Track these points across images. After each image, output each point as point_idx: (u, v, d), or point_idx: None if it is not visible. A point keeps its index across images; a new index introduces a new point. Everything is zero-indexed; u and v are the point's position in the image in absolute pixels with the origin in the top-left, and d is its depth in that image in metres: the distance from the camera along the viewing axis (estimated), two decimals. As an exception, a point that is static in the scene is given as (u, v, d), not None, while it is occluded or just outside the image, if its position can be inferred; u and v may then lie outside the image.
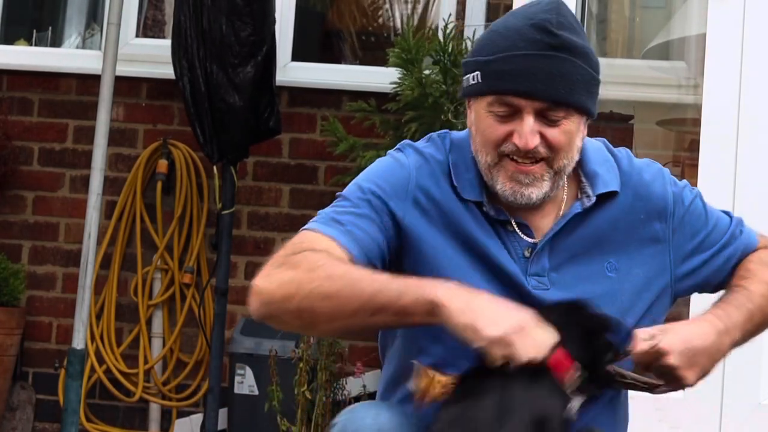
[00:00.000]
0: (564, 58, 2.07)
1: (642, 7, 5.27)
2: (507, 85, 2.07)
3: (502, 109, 2.09)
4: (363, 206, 2.14)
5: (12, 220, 5.25)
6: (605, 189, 2.18)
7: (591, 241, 2.18)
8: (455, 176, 2.17)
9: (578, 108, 2.11)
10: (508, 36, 2.10)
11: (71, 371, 4.40)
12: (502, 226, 2.16)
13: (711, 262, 2.29)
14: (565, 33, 2.08)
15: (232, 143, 4.71)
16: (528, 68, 2.06)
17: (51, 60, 5.36)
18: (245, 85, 4.66)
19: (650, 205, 2.22)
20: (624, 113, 4.84)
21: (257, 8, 4.65)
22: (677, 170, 4.81)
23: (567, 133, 2.10)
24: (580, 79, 2.09)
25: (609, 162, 2.23)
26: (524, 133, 2.07)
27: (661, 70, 4.89)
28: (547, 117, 2.08)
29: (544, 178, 2.11)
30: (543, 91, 2.06)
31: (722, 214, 2.37)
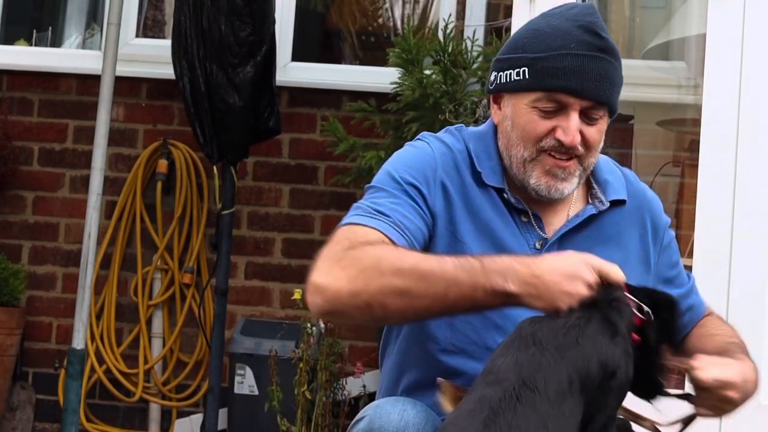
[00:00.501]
0: (609, 61, 2.16)
1: (642, 7, 5.27)
2: (559, 82, 2.14)
3: (550, 105, 2.15)
4: (401, 195, 2.16)
5: (12, 220, 5.25)
6: (616, 196, 2.26)
7: (597, 242, 2.23)
8: (478, 163, 2.22)
9: (614, 109, 2.20)
10: (557, 36, 2.17)
11: (71, 371, 4.40)
12: (518, 216, 2.22)
13: (681, 301, 2.29)
14: (608, 36, 2.19)
15: (232, 143, 4.71)
16: (580, 67, 2.13)
17: (51, 60, 5.36)
18: (245, 85, 4.66)
19: (651, 222, 2.32)
20: (624, 113, 4.83)
21: (257, 8, 4.65)
22: (677, 170, 4.81)
23: (600, 132, 2.19)
24: (618, 81, 2.18)
25: (617, 173, 2.32)
26: (571, 130, 2.14)
27: (661, 70, 4.89)
28: (589, 116, 2.16)
29: (575, 174, 2.19)
30: (591, 91, 2.14)
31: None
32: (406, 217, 2.13)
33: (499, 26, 5.00)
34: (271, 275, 5.10)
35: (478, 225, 2.19)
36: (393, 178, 2.18)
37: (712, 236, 3.58)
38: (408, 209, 2.14)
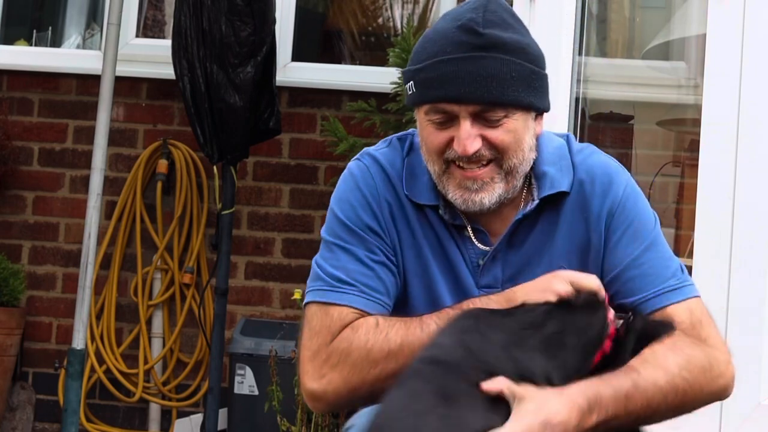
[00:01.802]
0: (492, 57, 2.00)
1: (642, 7, 5.27)
2: (436, 92, 2.02)
3: (438, 116, 2.04)
4: (358, 249, 2.10)
5: (12, 220, 5.25)
6: (551, 191, 2.11)
7: (541, 245, 2.12)
8: (407, 182, 2.13)
9: (517, 105, 2.03)
10: (436, 41, 2.04)
11: (71, 371, 4.40)
12: (458, 231, 2.13)
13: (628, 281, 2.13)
14: (494, 30, 2.01)
15: (232, 143, 4.71)
16: (455, 72, 2.00)
17: (51, 60, 5.36)
18: (245, 85, 4.66)
19: (602, 208, 2.13)
20: (624, 113, 4.84)
21: (257, 8, 4.64)
22: (677, 170, 4.81)
23: (511, 132, 2.03)
24: (515, 75, 2.01)
25: (564, 160, 2.15)
26: (461, 139, 2.01)
27: (661, 70, 4.89)
28: (486, 119, 2.02)
29: (494, 180, 2.05)
30: (472, 94, 1.99)
31: (669, 259, 2.16)
32: (371, 277, 2.08)
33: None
34: (271, 275, 5.10)
35: (423, 245, 2.12)
36: (345, 227, 2.11)
37: (712, 236, 3.58)
38: (369, 265, 2.08)
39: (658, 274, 2.10)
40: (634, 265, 2.10)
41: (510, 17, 2.06)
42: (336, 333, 2.02)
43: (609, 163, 2.18)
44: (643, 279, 2.09)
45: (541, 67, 2.07)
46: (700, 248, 3.60)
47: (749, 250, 3.54)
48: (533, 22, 3.67)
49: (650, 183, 4.69)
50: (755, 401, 3.49)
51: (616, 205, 2.11)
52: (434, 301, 2.11)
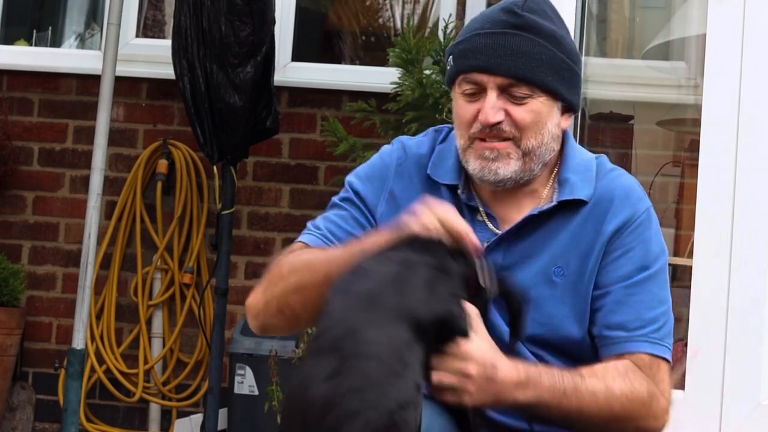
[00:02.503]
0: (526, 37, 2.11)
1: (642, 7, 5.27)
2: (469, 62, 2.13)
3: (468, 87, 2.14)
4: (344, 205, 2.26)
5: (12, 220, 5.25)
6: (570, 196, 2.17)
7: (544, 243, 2.16)
8: (433, 165, 2.23)
9: (543, 87, 2.12)
10: (477, 20, 2.17)
11: (71, 371, 4.40)
12: (471, 213, 2.20)
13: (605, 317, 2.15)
14: (532, 15, 2.12)
15: (232, 143, 4.71)
16: (489, 45, 2.11)
17: (51, 60, 5.36)
18: (245, 85, 4.66)
19: (610, 225, 2.16)
20: (624, 113, 4.84)
21: (256, 8, 4.64)
22: (677, 170, 4.81)
23: (533, 112, 2.12)
24: (546, 59, 2.11)
25: (589, 172, 2.20)
26: (486, 108, 2.11)
27: (661, 70, 4.89)
28: (512, 94, 2.11)
29: (511, 156, 2.13)
30: (500, 66, 2.10)
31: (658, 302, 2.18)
32: (338, 226, 2.23)
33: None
34: (271, 275, 5.09)
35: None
36: (344, 188, 2.29)
37: (712, 236, 3.58)
38: (344, 218, 2.24)
39: (639, 314, 2.13)
40: (621, 289, 2.14)
41: (551, 11, 2.17)
42: (278, 261, 2.19)
43: (634, 187, 2.22)
44: (623, 311, 2.13)
45: (574, 62, 2.16)
46: (700, 248, 3.60)
47: (749, 250, 3.54)
48: (533, 22, 3.67)
49: (650, 183, 4.69)
50: (755, 401, 3.49)
51: (627, 225, 2.16)
52: None
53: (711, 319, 3.52)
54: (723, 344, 3.50)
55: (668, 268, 2.21)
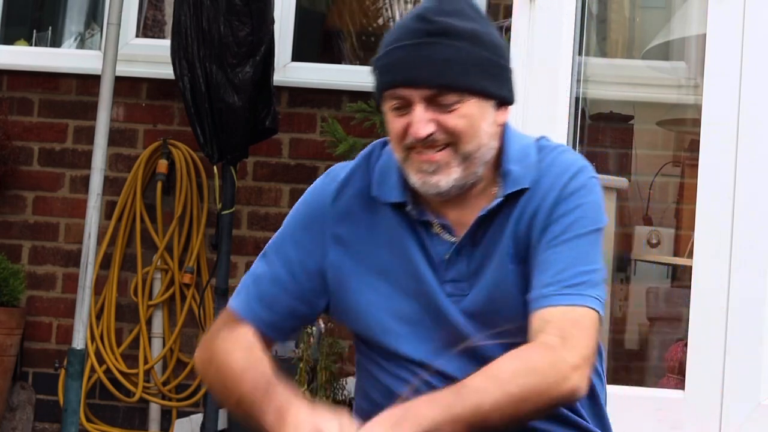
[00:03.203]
0: (443, 43, 2.04)
1: (642, 7, 5.27)
2: (390, 77, 2.08)
3: (395, 102, 2.09)
4: (276, 262, 2.26)
5: (12, 220, 5.25)
6: (513, 188, 2.12)
7: (495, 242, 2.12)
8: (377, 185, 2.18)
9: (470, 90, 2.06)
10: (394, 31, 2.11)
11: (71, 371, 4.40)
12: (425, 229, 2.14)
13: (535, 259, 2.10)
14: (447, 18, 2.06)
15: (232, 143, 4.71)
16: (406, 58, 2.05)
17: (51, 60, 5.36)
18: (245, 85, 4.66)
19: (544, 200, 2.12)
20: (624, 113, 4.84)
21: (255, 8, 4.64)
22: (677, 170, 4.81)
23: (465, 117, 2.06)
24: (468, 61, 2.05)
25: (529, 158, 2.15)
26: (414, 122, 2.06)
27: (661, 70, 4.89)
28: (440, 103, 2.05)
29: (451, 165, 2.07)
30: (421, 78, 2.04)
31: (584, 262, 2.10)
32: (270, 295, 2.25)
33: (499, 26, 5.00)
34: (271, 275, 5.09)
35: (380, 255, 2.15)
36: (277, 242, 2.29)
37: (712, 236, 3.58)
38: (275, 281, 2.25)
39: (561, 270, 2.06)
40: (546, 249, 2.08)
41: (469, 8, 2.10)
42: (221, 324, 2.25)
43: (573, 161, 2.16)
44: (546, 269, 2.06)
45: (499, 56, 2.10)
46: (700, 248, 3.60)
47: (749, 250, 3.54)
48: (533, 22, 3.67)
49: (650, 183, 4.69)
50: (755, 401, 3.49)
51: (560, 195, 2.11)
52: (391, 307, 2.15)
53: (711, 319, 3.51)
54: (723, 344, 3.50)
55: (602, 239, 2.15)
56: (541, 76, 3.65)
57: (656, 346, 4.50)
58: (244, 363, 2.13)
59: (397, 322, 2.14)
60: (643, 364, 4.62)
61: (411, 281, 2.14)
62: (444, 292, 2.12)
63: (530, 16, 3.68)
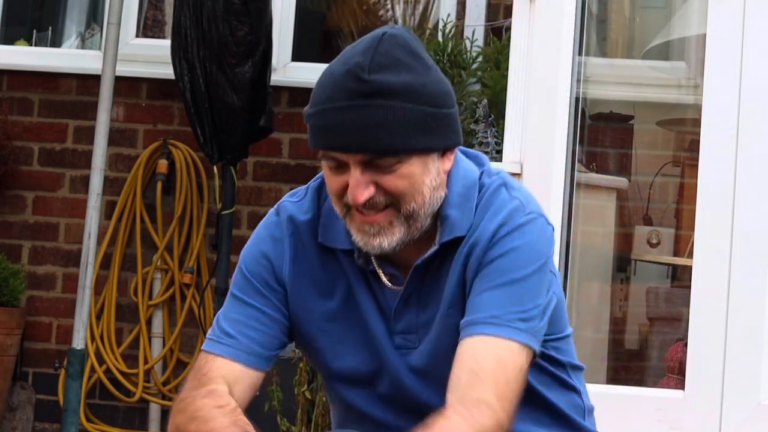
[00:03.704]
0: (379, 105, 1.90)
1: (642, 7, 5.27)
2: (322, 141, 1.96)
3: (331, 162, 1.97)
4: (249, 300, 2.10)
5: (12, 220, 5.25)
6: (450, 236, 2.01)
7: (437, 291, 2.04)
8: (323, 230, 2.08)
9: (409, 151, 1.92)
10: (326, 85, 1.99)
11: (71, 371, 4.40)
12: (374, 277, 2.06)
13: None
14: (381, 75, 1.91)
15: (232, 143, 4.71)
16: (339, 122, 1.92)
17: (51, 60, 5.36)
18: (244, 85, 4.66)
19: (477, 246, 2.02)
20: (624, 113, 4.83)
21: (254, 8, 4.64)
22: (677, 170, 4.81)
23: (406, 177, 1.93)
24: (405, 121, 1.90)
25: (470, 202, 2.04)
26: (352, 187, 1.93)
27: (661, 70, 4.88)
28: (378, 165, 1.93)
29: (393, 225, 1.96)
30: (357, 144, 1.91)
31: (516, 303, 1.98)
32: (251, 329, 2.08)
33: (499, 26, 5.00)
34: (271, 275, 5.09)
35: (333, 300, 2.08)
36: (241, 275, 2.14)
37: (712, 236, 3.58)
38: (253, 317, 2.09)
39: (488, 307, 1.96)
40: (479, 292, 1.99)
41: (406, 55, 1.94)
42: (203, 383, 2.05)
43: (504, 202, 2.03)
44: (476, 310, 1.97)
45: (440, 106, 1.95)
46: (700, 248, 3.60)
47: (749, 250, 3.54)
48: (533, 22, 3.67)
49: (650, 183, 4.69)
50: (755, 401, 3.49)
51: (493, 239, 2.00)
52: (340, 353, 2.10)
53: (711, 319, 3.51)
54: (723, 344, 3.50)
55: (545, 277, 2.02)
56: (541, 76, 3.65)
57: (656, 346, 4.50)
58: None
59: (346, 371, 2.10)
60: (643, 364, 4.62)
61: (361, 330, 2.07)
62: (393, 344, 2.05)
63: (530, 16, 3.68)
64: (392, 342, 2.05)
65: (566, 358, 2.16)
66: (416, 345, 2.05)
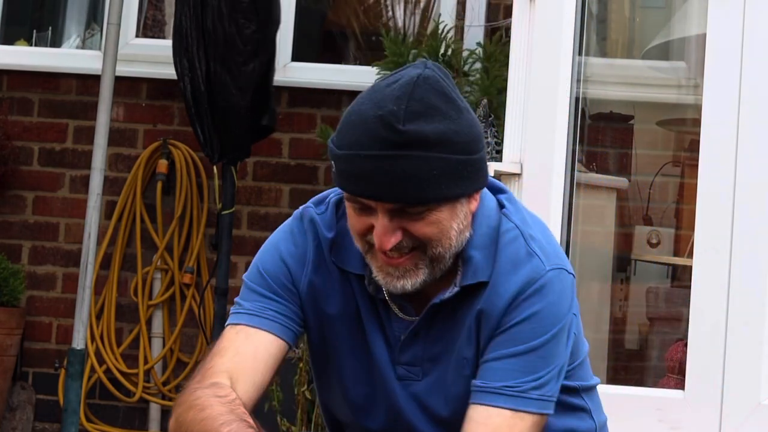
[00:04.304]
0: (413, 156, 1.85)
1: (642, 7, 5.27)
2: (352, 187, 1.90)
3: (357, 204, 1.93)
4: (270, 292, 2.07)
5: (12, 220, 5.25)
6: (472, 280, 1.99)
7: (454, 332, 2.02)
8: (336, 251, 2.06)
9: (441, 201, 1.90)
10: (356, 127, 1.89)
11: (71, 371, 4.40)
12: (383, 305, 2.04)
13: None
14: (415, 125, 1.85)
15: (232, 143, 4.71)
16: (371, 171, 1.86)
17: (51, 60, 5.37)
18: (246, 84, 4.66)
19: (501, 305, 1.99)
20: (624, 113, 4.84)
21: (261, 6, 4.64)
22: (677, 170, 4.81)
23: (434, 223, 1.91)
24: (438, 172, 1.86)
25: (491, 248, 2.01)
26: (379, 234, 1.90)
27: (661, 70, 4.88)
28: (406, 212, 1.89)
29: (418, 267, 1.94)
30: (390, 195, 1.87)
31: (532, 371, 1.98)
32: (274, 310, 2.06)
33: (498, 26, 5.00)
34: (271, 275, 5.09)
35: (345, 321, 2.07)
36: (259, 275, 2.09)
37: (712, 236, 3.58)
38: (273, 308, 2.06)
39: (502, 376, 1.97)
40: (495, 358, 1.98)
41: (440, 100, 1.89)
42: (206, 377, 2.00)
43: (523, 259, 2.00)
44: (491, 376, 1.97)
45: (472, 152, 1.91)
46: (700, 248, 3.60)
47: (749, 250, 3.54)
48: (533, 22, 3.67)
49: (650, 183, 4.69)
50: (755, 401, 3.49)
51: (513, 303, 1.98)
52: (340, 378, 2.10)
53: (711, 319, 3.51)
54: (723, 344, 3.50)
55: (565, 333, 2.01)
56: (541, 76, 3.65)
57: (656, 346, 4.50)
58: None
59: (349, 393, 2.09)
60: (643, 364, 4.62)
61: (363, 354, 2.07)
62: (395, 374, 2.05)
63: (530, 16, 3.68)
64: (395, 372, 2.05)
65: (579, 382, 2.15)
66: (419, 378, 2.04)
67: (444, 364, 2.03)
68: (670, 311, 4.49)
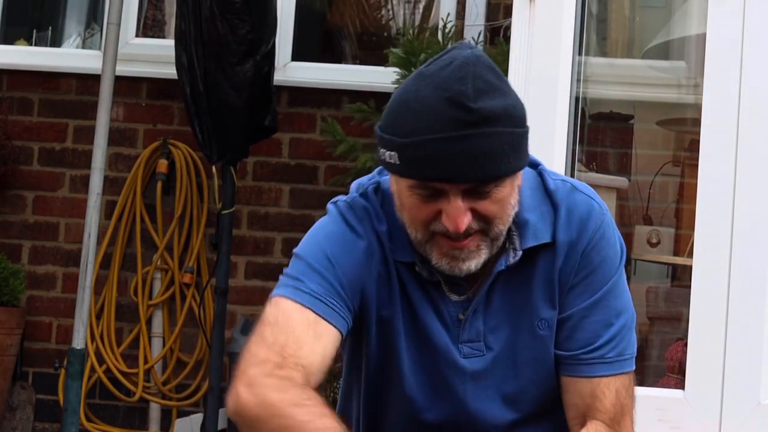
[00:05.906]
0: (487, 133, 1.88)
1: (642, 7, 5.27)
2: (427, 172, 1.89)
3: (426, 191, 1.93)
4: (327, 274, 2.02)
5: (12, 220, 5.25)
6: (535, 242, 2.03)
7: (522, 298, 2.05)
8: (390, 239, 2.05)
9: (507, 175, 1.94)
10: (422, 114, 1.89)
11: (71, 371, 4.40)
12: (435, 288, 2.05)
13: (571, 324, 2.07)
14: (485, 102, 1.88)
15: (232, 143, 4.71)
16: (447, 152, 1.87)
17: (51, 60, 5.37)
18: (244, 84, 4.65)
19: (567, 250, 2.05)
20: (624, 113, 4.84)
21: (255, 6, 4.64)
22: (677, 170, 4.81)
23: (499, 200, 1.94)
24: (507, 147, 1.91)
25: (545, 205, 2.06)
26: (452, 216, 1.92)
27: (661, 70, 4.88)
28: (477, 191, 1.92)
29: (480, 248, 1.96)
30: (466, 175, 1.89)
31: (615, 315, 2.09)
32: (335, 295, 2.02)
33: (499, 26, 5.00)
34: (271, 275, 5.10)
35: (400, 309, 2.06)
36: (327, 258, 2.03)
37: (712, 236, 3.58)
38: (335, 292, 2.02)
39: (595, 335, 2.05)
40: (578, 316, 2.05)
41: (494, 76, 1.92)
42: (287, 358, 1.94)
43: (585, 201, 2.08)
44: (579, 336, 2.05)
45: (525, 124, 1.97)
46: (700, 248, 3.60)
47: (749, 250, 3.54)
48: (533, 22, 3.67)
49: (650, 183, 4.69)
50: (755, 401, 3.49)
51: (584, 249, 2.04)
52: (399, 373, 2.08)
53: (711, 319, 3.51)
54: (723, 344, 3.50)
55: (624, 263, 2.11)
56: (541, 76, 3.65)
57: (656, 346, 4.49)
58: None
59: (409, 385, 2.08)
60: (643, 364, 4.62)
61: (423, 343, 2.06)
62: (460, 353, 2.05)
63: (530, 16, 3.68)
64: (459, 351, 2.05)
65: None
66: (483, 352, 2.06)
67: (510, 331, 2.05)
68: (670, 311, 4.49)
